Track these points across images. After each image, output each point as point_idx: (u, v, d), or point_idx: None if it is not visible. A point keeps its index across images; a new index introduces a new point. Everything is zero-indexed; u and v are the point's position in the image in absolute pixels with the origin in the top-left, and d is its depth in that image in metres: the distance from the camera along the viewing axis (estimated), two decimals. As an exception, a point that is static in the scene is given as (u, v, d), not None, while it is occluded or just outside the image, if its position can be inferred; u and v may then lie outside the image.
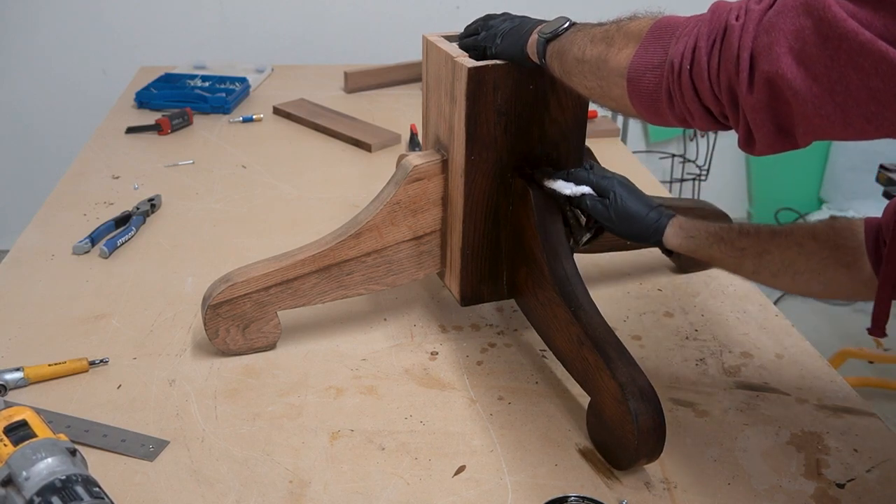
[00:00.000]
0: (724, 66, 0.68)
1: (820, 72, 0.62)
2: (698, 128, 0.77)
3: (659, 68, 0.75)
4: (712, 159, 3.07)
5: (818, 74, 0.62)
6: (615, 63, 0.80)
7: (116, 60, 2.73)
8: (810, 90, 0.63)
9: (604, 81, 0.83)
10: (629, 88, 0.78)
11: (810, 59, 0.62)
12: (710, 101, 0.71)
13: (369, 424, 1.00)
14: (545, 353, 1.13)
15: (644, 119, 0.81)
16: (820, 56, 0.62)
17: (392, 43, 2.67)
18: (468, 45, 1.07)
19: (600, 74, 0.83)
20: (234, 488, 0.90)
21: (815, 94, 0.62)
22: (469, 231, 1.10)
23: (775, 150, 0.71)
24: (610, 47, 0.81)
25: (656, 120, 0.80)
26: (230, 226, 1.48)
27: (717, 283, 1.33)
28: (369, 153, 1.80)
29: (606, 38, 0.82)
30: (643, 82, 0.77)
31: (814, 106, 0.63)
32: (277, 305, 1.10)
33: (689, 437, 0.99)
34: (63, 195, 1.57)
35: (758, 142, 0.71)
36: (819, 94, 0.62)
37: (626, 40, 0.80)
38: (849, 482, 0.93)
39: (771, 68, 0.64)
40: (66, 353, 1.09)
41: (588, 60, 0.84)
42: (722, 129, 0.75)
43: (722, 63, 0.69)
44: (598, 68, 0.83)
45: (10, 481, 0.73)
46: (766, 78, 0.65)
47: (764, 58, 0.65)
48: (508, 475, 0.93)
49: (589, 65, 0.84)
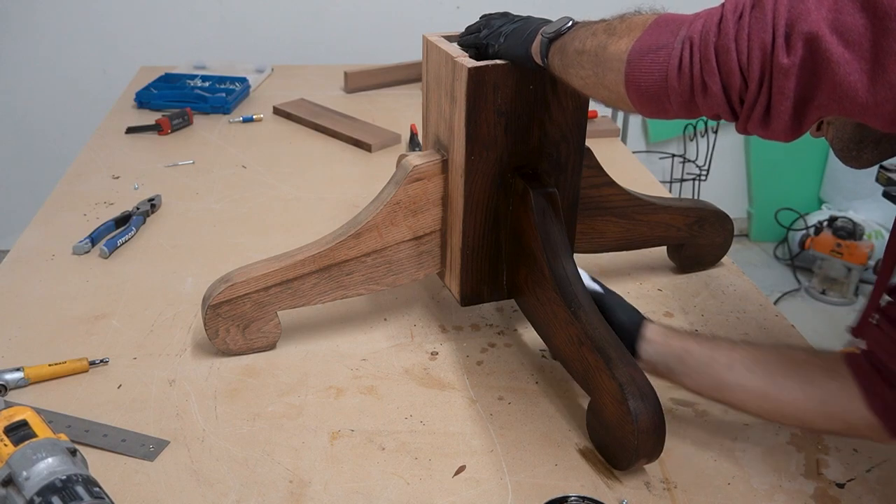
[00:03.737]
0: (756, 34, 0.70)
1: (854, 38, 0.66)
2: (704, 112, 0.77)
3: (664, 48, 0.76)
4: (712, 159, 3.07)
5: (852, 41, 0.66)
6: (614, 49, 0.81)
7: (116, 60, 2.73)
8: (843, 56, 0.67)
9: (599, 68, 0.83)
10: (627, 70, 0.79)
11: (844, 27, 0.67)
12: (734, 75, 0.72)
13: (369, 424, 1.00)
14: (545, 353, 1.13)
15: (634, 106, 0.81)
16: (854, 24, 0.66)
17: (392, 43, 2.67)
18: (469, 43, 1.07)
19: (597, 61, 0.83)
20: (234, 488, 0.90)
21: (847, 59, 0.67)
22: (469, 231, 1.10)
23: (786, 131, 0.73)
24: (611, 37, 0.82)
25: (648, 107, 0.80)
26: (230, 226, 1.48)
27: (717, 283, 1.33)
28: (369, 153, 1.80)
29: (608, 30, 0.83)
30: (643, 64, 0.77)
31: (844, 72, 0.67)
32: (277, 305, 1.10)
33: (689, 437, 0.99)
34: (63, 195, 1.57)
35: (774, 119, 0.72)
36: (850, 60, 0.66)
37: (628, 30, 0.81)
38: (849, 482, 0.93)
39: (810, 29, 0.68)
40: (66, 353, 1.09)
41: (587, 51, 0.85)
42: (727, 114, 0.75)
43: (754, 31, 0.71)
44: (595, 55, 0.84)
45: (11, 481, 0.73)
46: (805, 38, 0.68)
47: (802, 21, 0.68)
48: (508, 475, 0.93)
49: (588, 54, 0.85)
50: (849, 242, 2.99)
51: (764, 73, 0.71)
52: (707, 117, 0.78)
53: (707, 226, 1.32)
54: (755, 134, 0.76)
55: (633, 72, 0.78)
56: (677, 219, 1.29)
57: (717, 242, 1.35)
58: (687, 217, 1.30)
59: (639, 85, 0.78)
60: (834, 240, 3.02)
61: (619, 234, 1.25)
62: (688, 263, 1.35)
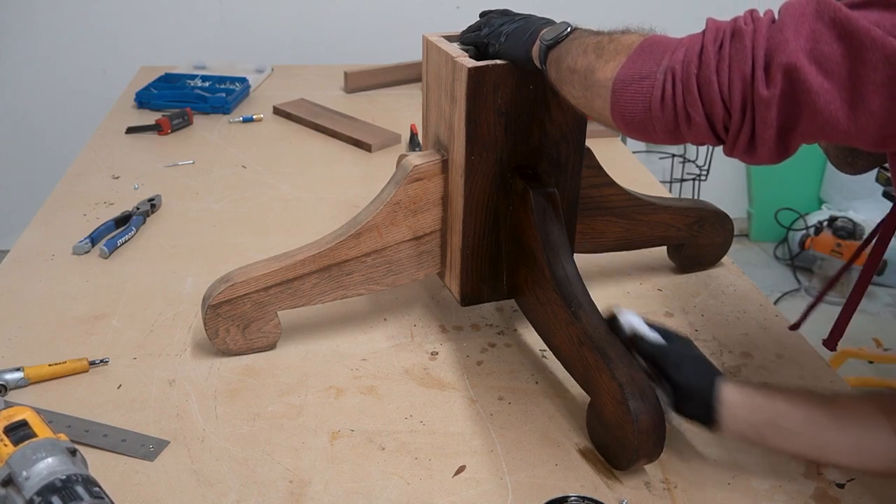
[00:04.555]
0: (737, 65, 0.70)
1: (832, 68, 0.66)
2: (689, 140, 0.77)
3: (647, 79, 0.76)
4: (712, 159, 3.07)
5: (830, 70, 0.66)
6: (601, 75, 0.81)
7: (116, 60, 2.72)
8: (822, 86, 0.66)
9: (588, 92, 0.83)
10: (612, 99, 0.79)
11: (823, 57, 0.66)
12: (716, 106, 0.72)
13: (369, 424, 1.00)
14: (545, 353, 1.13)
15: (622, 132, 0.82)
16: (832, 54, 0.66)
17: (392, 43, 2.67)
18: (470, 41, 1.07)
19: (586, 84, 0.84)
20: (234, 488, 0.90)
21: (826, 88, 0.66)
22: (469, 231, 1.10)
23: (772, 157, 0.73)
24: (598, 58, 0.82)
25: (635, 133, 0.80)
26: (230, 226, 1.48)
27: (717, 283, 1.33)
28: (369, 153, 1.80)
29: (597, 50, 0.83)
30: (626, 94, 0.77)
31: (824, 101, 0.66)
32: (277, 305, 1.10)
33: (689, 437, 0.99)
34: (63, 195, 1.57)
35: (759, 147, 0.72)
36: (829, 90, 0.66)
37: (614, 53, 0.80)
38: (849, 482, 0.93)
39: (789, 60, 0.67)
40: (66, 353, 1.09)
41: (578, 70, 0.85)
42: (713, 141, 0.76)
43: (734, 62, 0.70)
44: (585, 78, 0.84)
45: (11, 481, 0.73)
46: (783, 69, 0.68)
47: (781, 52, 0.68)
48: (508, 475, 0.93)
49: (578, 74, 0.85)
50: (849, 242, 2.99)
51: (746, 103, 0.71)
52: (693, 144, 0.78)
53: (707, 226, 1.32)
54: (741, 159, 0.76)
55: (618, 101, 0.78)
56: (677, 219, 1.29)
57: (717, 242, 1.35)
58: (687, 217, 1.30)
59: (623, 114, 0.79)
60: (834, 240, 3.02)
61: (619, 234, 1.25)
62: (688, 263, 1.35)
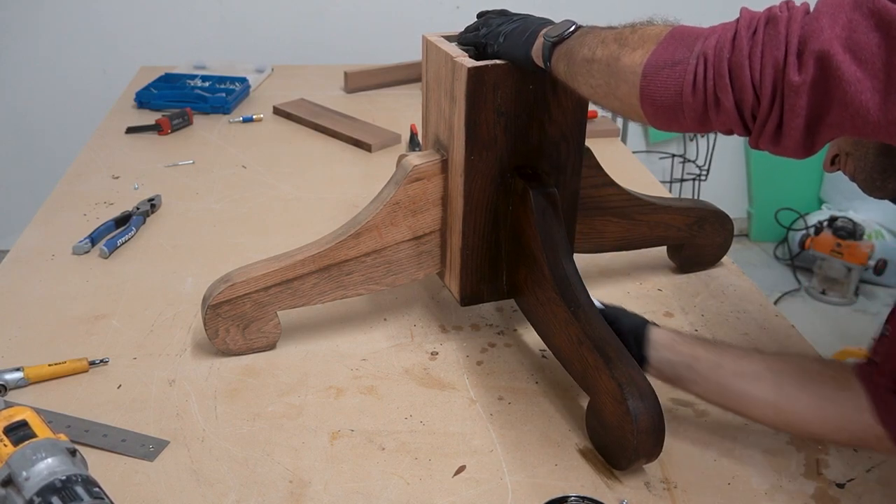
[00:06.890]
0: (770, 51, 0.70)
1: (867, 57, 0.66)
2: (717, 127, 0.76)
3: (679, 64, 0.75)
4: (712, 159, 3.07)
5: (865, 59, 0.66)
6: (628, 61, 0.80)
7: (116, 60, 2.73)
8: (855, 74, 0.66)
9: (612, 78, 0.83)
10: (642, 84, 0.78)
11: (858, 46, 0.66)
12: (746, 91, 0.72)
13: (369, 424, 1.00)
14: (545, 353, 1.13)
15: (647, 118, 0.81)
16: (868, 43, 0.66)
17: (392, 43, 2.67)
18: (468, 41, 1.07)
19: (610, 72, 0.83)
20: (234, 488, 0.90)
21: (859, 78, 0.66)
22: (469, 231, 1.10)
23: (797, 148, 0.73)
24: (623, 47, 0.81)
25: (661, 119, 0.79)
26: (230, 226, 1.48)
27: (717, 283, 1.33)
28: (369, 153, 1.80)
29: (619, 40, 0.83)
30: (658, 78, 0.77)
31: (856, 90, 0.66)
32: (277, 305, 1.10)
33: (689, 437, 0.99)
34: (63, 195, 1.57)
35: (786, 136, 0.72)
36: (862, 79, 0.66)
37: (641, 41, 0.80)
38: (849, 482, 0.93)
39: (822, 47, 0.67)
40: (66, 353, 1.09)
41: (598, 60, 0.84)
42: (740, 130, 0.75)
43: (767, 48, 0.70)
44: (608, 66, 0.83)
45: (10, 481, 0.73)
46: (816, 56, 0.68)
47: (815, 38, 0.68)
48: (508, 475, 0.93)
49: (598, 64, 0.84)
50: (849, 242, 2.99)
51: (776, 90, 0.70)
52: (720, 132, 0.78)
53: (707, 226, 1.32)
54: (767, 150, 0.75)
55: (649, 86, 0.78)
56: (677, 219, 1.29)
57: (717, 242, 1.35)
58: (687, 217, 1.30)
59: (654, 99, 0.78)
60: (834, 240, 3.02)
61: (619, 234, 1.25)
62: (688, 263, 1.35)
